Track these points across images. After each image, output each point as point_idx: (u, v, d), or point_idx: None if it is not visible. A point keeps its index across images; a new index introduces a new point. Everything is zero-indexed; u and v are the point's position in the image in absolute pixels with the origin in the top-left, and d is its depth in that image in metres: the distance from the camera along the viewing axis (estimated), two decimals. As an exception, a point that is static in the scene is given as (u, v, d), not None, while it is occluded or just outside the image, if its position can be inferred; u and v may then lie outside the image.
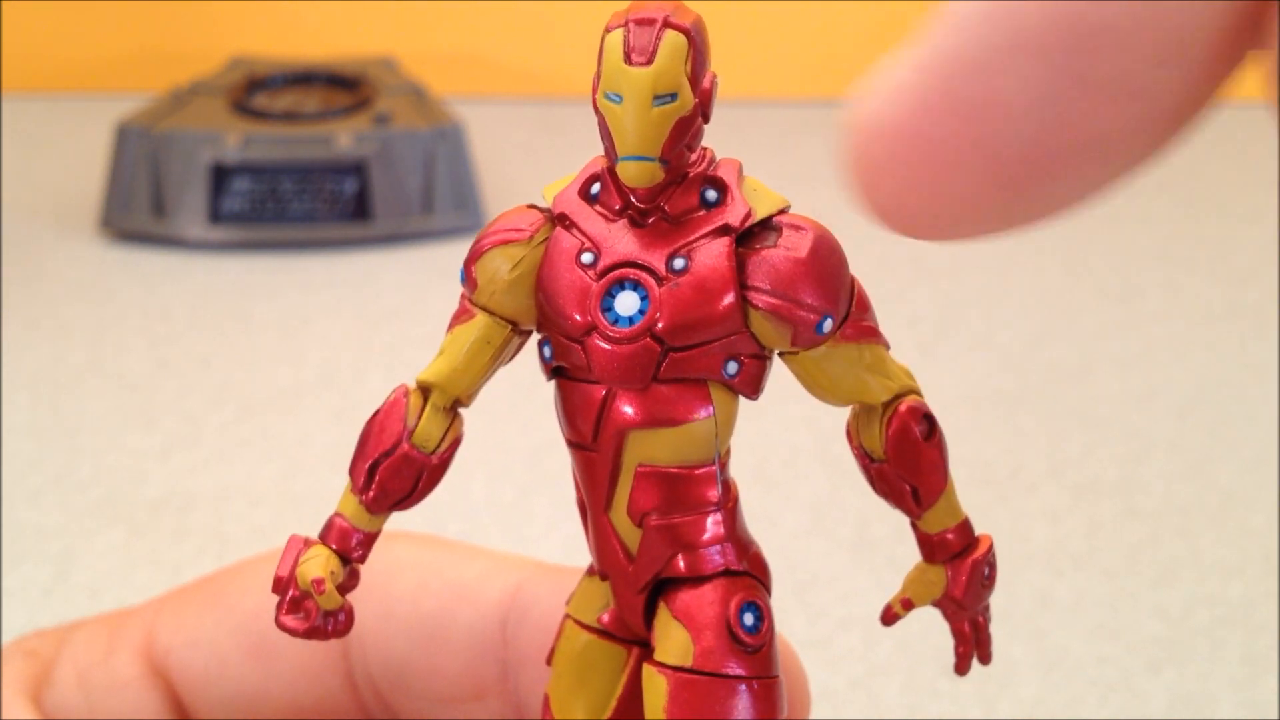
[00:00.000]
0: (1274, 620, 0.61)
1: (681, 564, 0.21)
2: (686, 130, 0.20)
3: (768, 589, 0.22)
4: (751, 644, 0.21)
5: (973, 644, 0.23)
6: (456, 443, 0.23)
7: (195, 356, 0.81)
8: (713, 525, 0.21)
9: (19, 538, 0.64)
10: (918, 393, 0.22)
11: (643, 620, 0.22)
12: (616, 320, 0.21)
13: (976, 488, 0.71)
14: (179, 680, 0.28)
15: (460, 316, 0.22)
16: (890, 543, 0.64)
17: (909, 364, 0.22)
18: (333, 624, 0.23)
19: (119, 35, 1.22)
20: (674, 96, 0.20)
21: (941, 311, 0.89)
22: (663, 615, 0.21)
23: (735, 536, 0.22)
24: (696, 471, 0.21)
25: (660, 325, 0.20)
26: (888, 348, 0.22)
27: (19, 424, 0.74)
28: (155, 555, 0.64)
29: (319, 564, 0.22)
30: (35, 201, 1.00)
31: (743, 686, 0.21)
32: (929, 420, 0.22)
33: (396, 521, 0.28)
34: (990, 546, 0.23)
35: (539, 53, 1.22)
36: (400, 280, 0.91)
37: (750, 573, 0.22)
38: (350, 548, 0.22)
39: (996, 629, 0.23)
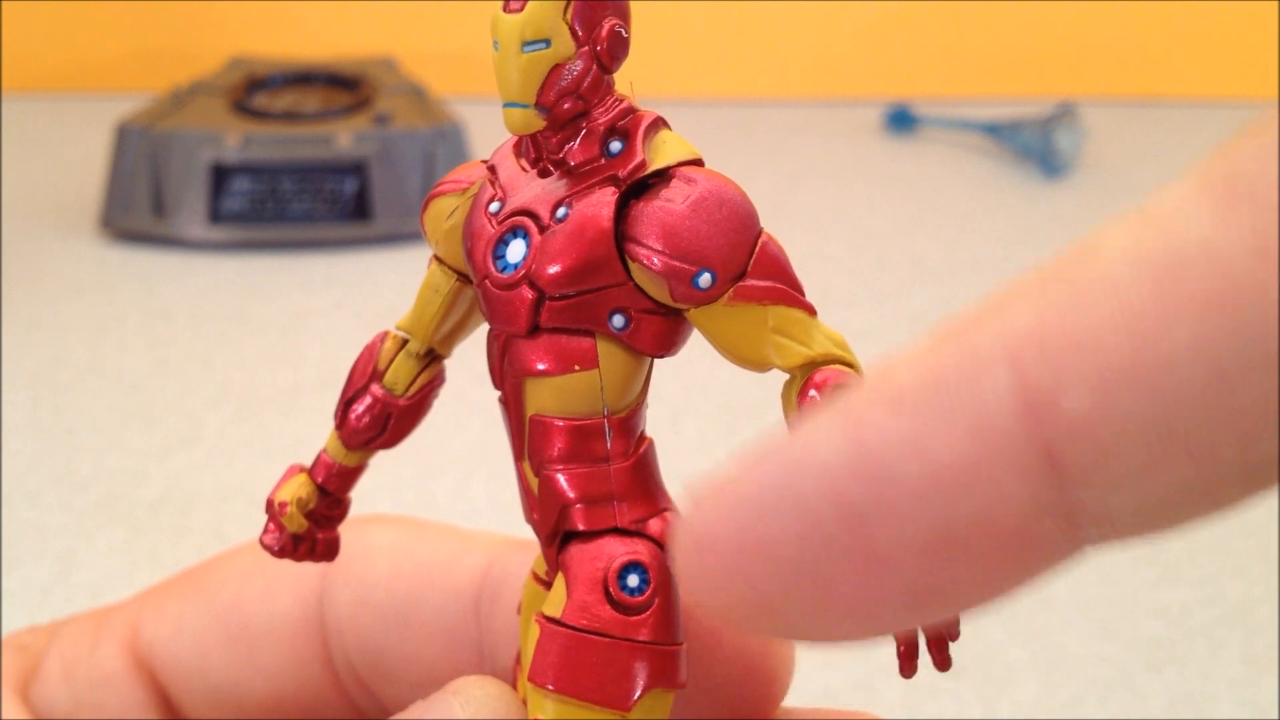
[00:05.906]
0: (1274, 620, 0.61)
1: (577, 518, 0.21)
2: (568, 79, 0.20)
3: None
4: (629, 605, 0.20)
5: (917, 644, 0.21)
6: (429, 387, 0.24)
7: (195, 356, 0.81)
8: (602, 480, 0.21)
9: (19, 538, 0.64)
10: (848, 363, 0.21)
11: (556, 572, 0.22)
12: (505, 267, 0.21)
13: (976, 488, 0.71)
14: (163, 672, 0.28)
15: (428, 265, 0.23)
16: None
17: None
18: (304, 548, 0.24)
19: (119, 35, 1.22)
20: (546, 43, 0.20)
21: (941, 311, 0.89)
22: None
23: (632, 496, 0.21)
24: (583, 424, 0.21)
25: (536, 272, 0.20)
26: (811, 313, 0.21)
27: (19, 424, 0.74)
28: (155, 555, 0.64)
29: (289, 489, 0.24)
30: (35, 201, 1.00)
31: (612, 646, 0.20)
32: None
33: (383, 505, 0.28)
34: None
35: (539, 53, 1.22)
36: (400, 280, 0.91)
37: (646, 534, 0.21)
38: (327, 479, 0.24)
39: (996, 629, 0.22)
